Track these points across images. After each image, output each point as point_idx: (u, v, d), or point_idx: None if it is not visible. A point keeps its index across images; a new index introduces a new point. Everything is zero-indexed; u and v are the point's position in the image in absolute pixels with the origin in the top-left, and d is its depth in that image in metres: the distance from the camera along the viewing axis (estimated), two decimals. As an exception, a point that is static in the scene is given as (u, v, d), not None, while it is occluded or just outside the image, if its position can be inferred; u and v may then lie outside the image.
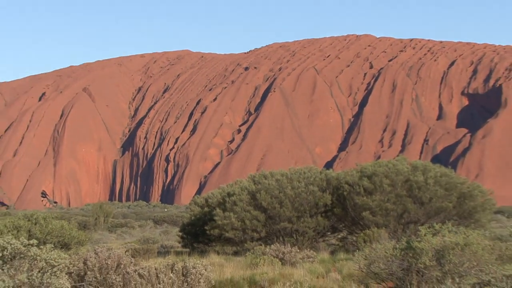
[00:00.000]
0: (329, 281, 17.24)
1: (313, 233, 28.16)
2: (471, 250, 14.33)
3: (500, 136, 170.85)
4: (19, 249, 11.25)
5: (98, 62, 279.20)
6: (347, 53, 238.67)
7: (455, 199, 27.25)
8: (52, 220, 22.13)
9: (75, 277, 14.35)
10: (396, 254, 15.17)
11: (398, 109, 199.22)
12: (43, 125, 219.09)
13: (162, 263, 16.06)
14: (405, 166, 28.02)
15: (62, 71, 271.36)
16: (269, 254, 22.32)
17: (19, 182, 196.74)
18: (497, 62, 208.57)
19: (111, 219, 62.75)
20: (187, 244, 32.93)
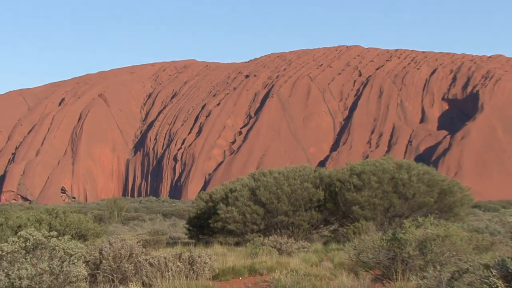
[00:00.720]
0: (322, 269, 17.25)
1: (307, 226, 28.19)
2: (450, 241, 14.35)
3: (477, 138, 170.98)
4: (41, 240, 11.26)
5: (112, 70, 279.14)
6: (338, 62, 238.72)
7: (436, 195, 27.28)
8: (71, 213, 22.15)
9: (91, 265, 14.36)
10: (382, 245, 15.18)
11: (385, 113, 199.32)
12: (63, 127, 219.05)
13: (171, 253, 16.07)
14: (391, 165, 28.07)
15: (79, 78, 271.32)
16: (268, 244, 22.33)
17: (41, 179, 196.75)
18: (474, 71, 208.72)
19: (124, 213, 62.72)
20: (193, 236, 32.95)
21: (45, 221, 20.25)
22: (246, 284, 15.66)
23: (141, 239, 25.29)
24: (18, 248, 11.12)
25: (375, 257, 15.10)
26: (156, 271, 14.66)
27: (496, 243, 19.19)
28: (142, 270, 14.72)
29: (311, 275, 15.71)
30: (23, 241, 11.22)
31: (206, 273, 15.41)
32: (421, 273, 12.56)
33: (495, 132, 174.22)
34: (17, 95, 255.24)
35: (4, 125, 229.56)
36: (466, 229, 18.80)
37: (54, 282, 10.89)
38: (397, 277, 14.20)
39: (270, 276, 15.92)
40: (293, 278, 14.72)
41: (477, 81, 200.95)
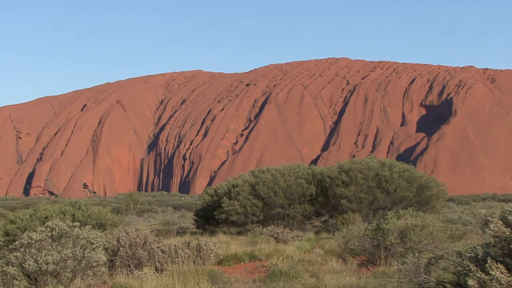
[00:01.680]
0: (314, 255, 17.25)
1: (301, 217, 28.18)
2: (428, 230, 14.35)
3: (451, 139, 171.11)
4: (65, 230, 11.26)
5: (128, 79, 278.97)
6: (328, 72, 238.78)
7: (415, 190, 27.28)
8: (92, 206, 22.11)
9: (110, 252, 14.36)
10: (368, 234, 15.18)
11: (369, 117, 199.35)
12: (85, 130, 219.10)
13: (180, 241, 16.06)
14: (375, 163, 28.05)
15: (99, 87, 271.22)
16: (266, 234, 22.32)
17: (65, 176, 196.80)
18: (448, 80, 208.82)
19: (139, 206, 62.68)
20: (200, 226, 32.91)
21: (69, 213, 20.22)
22: (247, 268, 15.66)
23: (154, 229, 25.27)
24: (45, 236, 11.12)
25: (361, 245, 15.12)
26: (167, 257, 14.67)
27: (467, 232, 19.19)
28: (155, 256, 14.73)
29: (304, 260, 15.73)
30: (50, 231, 11.22)
31: (212, 259, 15.42)
32: (402, 259, 12.55)
33: (467, 134, 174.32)
34: (45, 101, 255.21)
35: (33, 128, 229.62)
36: (441, 220, 18.80)
37: (77, 266, 10.89)
38: (380, 262, 14.21)
39: (268, 261, 15.93)
40: (288, 263, 14.73)
41: (451, 89, 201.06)
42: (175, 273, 12.26)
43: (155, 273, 12.79)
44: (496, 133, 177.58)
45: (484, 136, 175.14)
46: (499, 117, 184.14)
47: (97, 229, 14.93)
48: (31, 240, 11.05)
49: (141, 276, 12.43)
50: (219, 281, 11.99)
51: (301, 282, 11.62)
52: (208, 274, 12.49)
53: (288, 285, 10.53)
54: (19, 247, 11.13)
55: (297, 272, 13.08)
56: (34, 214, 20.19)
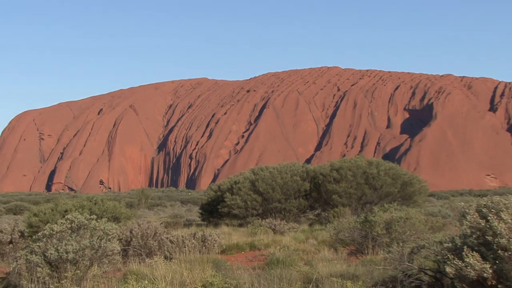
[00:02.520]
0: (308, 245, 17.25)
1: (296, 211, 28.19)
2: (411, 222, 14.35)
3: (432, 140, 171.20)
4: (83, 222, 11.26)
5: (140, 86, 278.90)
6: (321, 80, 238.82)
7: (399, 186, 27.29)
8: (107, 201, 22.11)
9: (124, 242, 14.36)
10: (356, 226, 15.19)
11: (358, 121, 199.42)
12: (101, 132, 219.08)
13: (187, 232, 16.07)
14: (363, 162, 28.06)
15: (114, 93, 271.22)
16: (265, 226, 22.32)
17: (83, 173, 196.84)
18: (429, 87, 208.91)
19: (150, 200, 62.70)
20: (205, 219, 32.90)
21: (87, 207, 20.23)
22: (247, 257, 15.66)
23: (163, 221, 25.28)
24: (65, 228, 11.12)
25: (351, 235, 15.12)
26: (175, 247, 14.67)
27: (447, 224, 19.19)
28: (164, 246, 14.74)
29: (299, 250, 15.73)
30: (69, 223, 11.23)
31: (215, 249, 15.42)
32: (387, 248, 12.55)
33: (446, 136, 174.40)
34: (65, 106, 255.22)
35: (55, 130, 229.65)
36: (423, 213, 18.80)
37: (94, 255, 10.89)
38: (368, 251, 14.21)
39: (266, 251, 15.93)
40: (285, 252, 14.73)
41: (431, 95, 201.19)
42: (183, 261, 12.27)
43: (164, 261, 12.80)
44: (472, 135, 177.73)
45: (462, 137, 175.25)
46: (475, 121, 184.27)
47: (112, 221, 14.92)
48: (52, 231, 11.06)
49: (151, 264, 12.44)
50: (222, 268, 12.00)
51: (297, 269, 11.62)
52: (212, 262, 12.51)
53: (284, 272, 10.53)
54: (42, 237, 11.14)
55: (292, 260, 13.09)
56: (55, 208, 20.19)
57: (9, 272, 12.37)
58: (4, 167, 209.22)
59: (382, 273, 10.26)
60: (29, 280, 10.33)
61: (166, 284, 9.70)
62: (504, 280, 5.23)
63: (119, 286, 9.23)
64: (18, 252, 12.24)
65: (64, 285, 9.41)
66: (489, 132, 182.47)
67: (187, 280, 10.48)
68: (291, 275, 10.42)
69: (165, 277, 10.47)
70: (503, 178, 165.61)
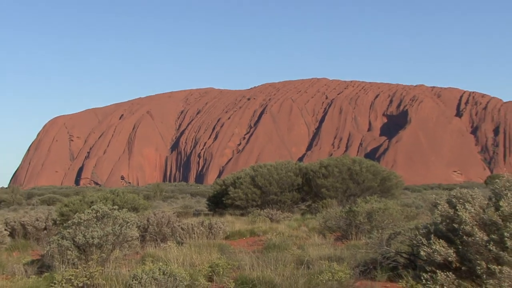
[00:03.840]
0: (300, 232, 17.22)
1: (290, 202, 28.14)
2: (389, 212, 14.34)
3: (407, 141, 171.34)
4: (106, 212, 11.25)
5: (156, 95, 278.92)
6: (311, 89, 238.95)
7: (379, 181, 27.25)
8: (127, 193, 22.09)
9: (141, 229, 14.34)
10: (342, 215, 15.18)
11: (343, 125, 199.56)
12: (122, 134, 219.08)
13: (196, 220, 16.04)
14: (348, 160, 28.04)
15: (133, 100, 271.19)
16: (263, 215, 22.29)
17: (107, 170, 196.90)
18: (404, 95, 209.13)
19: (164, 193, 62.67)
20: (211, 209, 32.83)
21: (110, 199, 20.21)
22: (248, 242, 15.64)
23: (175, 211, 25.25)
24: (91, 217, 11.11)
25: (337, 223, 15.11)
26: (186, 233, 14.66)
27: (419, 214, 19.17)
28: (176, 233, 14.72)
29: (292, 236, 15.71)
30: (95, 212, 11.22)
31: (220, 235, 15.40)
32: (368, 234, 12.54)
33: (419, 138, 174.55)
34: (91, 112, 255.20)
35: (82, 133, 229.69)
36: (399, 204, 18.79)
37: (116, 240, 10.88)
38: (352, 237, 14.20)
39: (264, 237, 15.91)
40: (280, 238, 14.71)
41: (406, 103, 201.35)
42: (192, 246, 12.26)
43: (176, 246, 12.79)
44: (441, 137, 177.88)
45: (432, 139, 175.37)
46: (443, 125, 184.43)
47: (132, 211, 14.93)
48: (80, 220, 11.05)
49: (165, 248, 12.43)
50: (226, 251, 11.99)
51: (290, 252, 11.61)
52: (217, 246, 12.50)
53: (280, 255, 10.52)
54: (71, 225, 11.13)
55: (287, 245, 13.07)
56: (82, 199, 20.18)
57: (43, 254, 12.37)
58: (40, 164, 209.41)
59: (364, 256, 10.26)
60: (61, 261, 10.32)
61: (178, 265, 9.70)
62: (467, 262, 5.22)
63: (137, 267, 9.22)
64: (51, 237, 12.23)
65: (91, 266, 9.40)
66: (456, 134, 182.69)
67: (196, 262, 10.49)
68: (286, 257, 10.42)
69: (177, 259, 10.47)
70: (468, 174, 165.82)
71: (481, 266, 4.99)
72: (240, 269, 9.62)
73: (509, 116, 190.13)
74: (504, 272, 4.96)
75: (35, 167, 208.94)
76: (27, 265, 11.26)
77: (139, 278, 8.04)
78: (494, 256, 5.04)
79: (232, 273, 9.27)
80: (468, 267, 5.16)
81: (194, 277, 8.50)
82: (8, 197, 56.41)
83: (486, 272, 5.00)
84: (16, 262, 11.59)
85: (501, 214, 5.17)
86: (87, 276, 8.79)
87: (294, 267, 9.32)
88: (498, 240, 5.04)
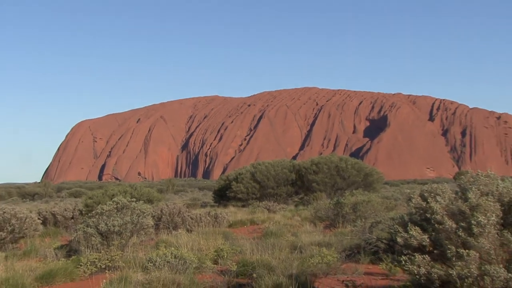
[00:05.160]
0: (294, 221, 17.24)
1: (285, 195, 28.17)
2: (371, 204, 14.36)
3: (386, 142, 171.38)
4: (125, 203, 11.25)
5: (168, 102, 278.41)
6: (303, 97, 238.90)
7: (362, 176, 27.29)
8: (143, 187, 22.09)
9: (156, 218, 14.34)
10: (330, 206, 15.19)
11: (331, 127, 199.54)
12: (139, 136, 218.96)
13: (203, 211, 16.05)
14: (335, 158, 28.07)
15: (148, 107, 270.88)
16: (261, 206, 22.32)
17: (126, 167, 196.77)
18: (384, 102, 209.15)
19: (175, 187, 62.66)
20: (216, 201, 32.84)
21: (128, 192, 20.21)
22: (248, 230, 15.64)
23: (185, 203, 25.25)
24: (112, 208, 11.11)
25: (326, 213, 15.12)
26: (194, 222, 14.66)
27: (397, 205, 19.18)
28: (186, 221, 14.73)
29: (287, 224, 15.72)
30: (115, 204, 11.22)
31: (224, 223, 15.41)
32: (353, 223, 12.55)
33: (397, 139, 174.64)
34: (112, 117, 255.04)
35: (104, 135, 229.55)
36: (380, 197, 18.80)
37: (133, 228, 10.88)
38: (339, 225, 14.21)
39: (263, 225, 15.92)
40: (276, 226, 14.72)
41: (386, 109, 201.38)
42: (200, 233, 12.26)
43: (186, 233, 12.78)
44: (416, 138, 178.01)
45: (408, 140, 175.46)
46: (418, 128, 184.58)
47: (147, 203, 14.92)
48: (103, 210, 11.05)
49: (177, 235, 12.43)
50: (229, 238, 11.99)
51: (285, 239, 11.61)
52: (222, 233, 12.50)
53: (276, 241, 10.53)
54: (95, 215, 11.13)
55: (282, 232, 13.08)
56: (105, 192, 20.17)
57: (71, 240, 12.37)
58: (68, 162, 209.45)
59: (349, 242, 10.27)
60: (86, 246, 10.33)
61: (188, 250, 9.70)
62: (438, 246, 5.24)
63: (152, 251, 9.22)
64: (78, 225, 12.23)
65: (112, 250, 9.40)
66: (429, 136, 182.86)
67: (203, 247, 10.48)
68: (281, 243, 10.42)
69: (187, 244, 10.47)
70: (439, 170, 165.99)
71: (451, 250, 5.00)
72: (242, 253, 9.62)
73: (474, 121, 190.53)
74: (471, 255, 4.98)
75: (64, 164, 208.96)
76: (57, 249, 11.26)
77: (153, 261, 8.05)
78: (462, 241, 5.06)
79: (234, 257, 9.27)
80: (440, 251, 5.16)
81: (201, 260, 8.51)
82: (40, 190, 56.42)
83: (455, 255, 5.01)
84: (47, 247, 11.60)
85: (469, 205, 5.19)
86: (109, 259, 8.79)
87: (289, 252, 9.32)
88: (466, 227, 5.06)
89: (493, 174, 5.48)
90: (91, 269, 8.56)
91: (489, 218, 4.89)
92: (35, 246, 11.68)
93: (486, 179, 5.38)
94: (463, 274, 4.77)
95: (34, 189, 59.06)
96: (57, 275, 8.12)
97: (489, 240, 4.85)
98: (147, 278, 7.07)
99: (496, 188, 5.24)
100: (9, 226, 12.45)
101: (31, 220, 13.09)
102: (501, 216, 5.05)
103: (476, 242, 4.83)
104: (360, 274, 7.91)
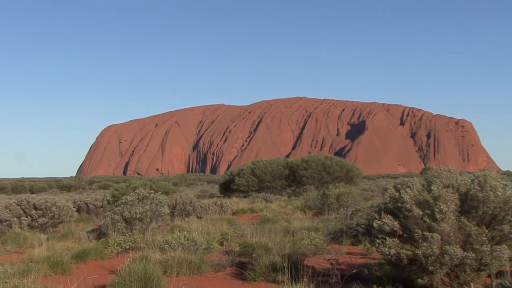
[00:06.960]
0: (287, 209, 17.24)
1: (280, 188, 28.13)
2: (352, 195, 14.37)
3: (365, 144, 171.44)
4: (145, 194, 11.26)
5: (182, 109, 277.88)
6: (295, 105, 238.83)
7: (344, 172, 27.25)
8: (161, 181, 22.05)
9: (171, 207, 14.34)
10: (318, 197, 15.20)
11: (319, 131, 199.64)
12: (157, 138, 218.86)
13: (211, 201, 16.04)
14: (322, 157, 28.04)
15: (165, 113, 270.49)
16: (260, 197, 22.30)
17: (146, 164, 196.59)
18: (363, 109, 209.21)
19: (187, 181, 62.51)
20: (222, 193, 32.78)
21: (148, 185, 20.19)
22: (249, 217, 15.64)
23: (196, 194, 25.24)
24: (135, 198, 11.11)
25: (314, 203, 15.14)
26: (203, 210, 14.66)
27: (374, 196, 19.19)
28: (196, 210, 14.72)
29: (282, 212, 15.72)
30: (137, 195, 11.22)
31: (229, 212, 15.41)
32: (337, 211, 12.54)
33: (374, 141, 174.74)
34: (135, 121, 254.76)
35: (128, 137, 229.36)
36: (359, 189, 18.80)
37: (153, 215, 10.89)
38: (325, 213, 14.22)
39: (261, 213, 15.91)
40: (272, 214, 14.72)
41: (364, 115, 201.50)
42: (208, 219, 12.27)
43: (196, 219, 12.78)
44: (389, 140, 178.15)
45: (383, 141, 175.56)
46: (391, 131, 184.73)
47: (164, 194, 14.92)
48: (127, 200, 11.05)
49: (189, 221, 12.44)
50: (233, 224, 12.00)
51: (280, 224, 11.62)
52: (227, 220, 12.51)
53: (273, 227, 10.54)
54: (120, 204, 11.13)
55: (277, 219, 13.09)
56: (128, 185, 20.15)
57: (100, 225, 12.38)
58: (98, 159, 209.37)
59: (334, 227, 10.28)
60: (113, 230, 10.34)
61: (198, 233, 9.71)
62: (408, 230, 5.26)
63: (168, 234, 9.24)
64: (106, 213, 12.23)
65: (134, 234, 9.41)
66: (400, 138, 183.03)
67: (211, 231, 10.49)
68: (277, 228, 10.44)
69: (197, 229, 10.48)
70: (408, 166, 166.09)
71: (418, 233, 5.03)
72: (243, 236, 9.64)
73: (437, 125, 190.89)
74: (434, 237, 5.00)
75: (95, 161, 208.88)
76: (89, 233, 11.27)
77: (169, 243, 8.08)
78: (427, 226, 5.08)
79: (237, 240, 9.28)
80: (408, 234, 5.18)
81: (209, 242, 8.53)
82: (75, 183, 56.35)
83: (421, 237, 5.04)
84: (81, 231, 11.61)
85: (433, 195, 5.21)
86: (132, 241, 8.80)
87: (283, 235, 9.34)
88: (430, 214, 5.08)
89: (453, 170, 5.52)
90: (117, 249, 8.57)
91: (449, 206, 4.93)
92: (71, 230, 11.69)
93: (448, 174, 5.41)
94: (427, 253, 4.79)
95: (70, 182, 59.01)
96: (89, 254, 8.22)
97: (449, 225, 4.89)
98: (164, 257, 7.10)
99: (455, 181, 5.28)
100: (50, 213, 12.48)
101: (68, 208, 13.10)
102: (459, 204, 5.09)
103: (439, 226, 4.86)
104: (343, 254, 7.94)
